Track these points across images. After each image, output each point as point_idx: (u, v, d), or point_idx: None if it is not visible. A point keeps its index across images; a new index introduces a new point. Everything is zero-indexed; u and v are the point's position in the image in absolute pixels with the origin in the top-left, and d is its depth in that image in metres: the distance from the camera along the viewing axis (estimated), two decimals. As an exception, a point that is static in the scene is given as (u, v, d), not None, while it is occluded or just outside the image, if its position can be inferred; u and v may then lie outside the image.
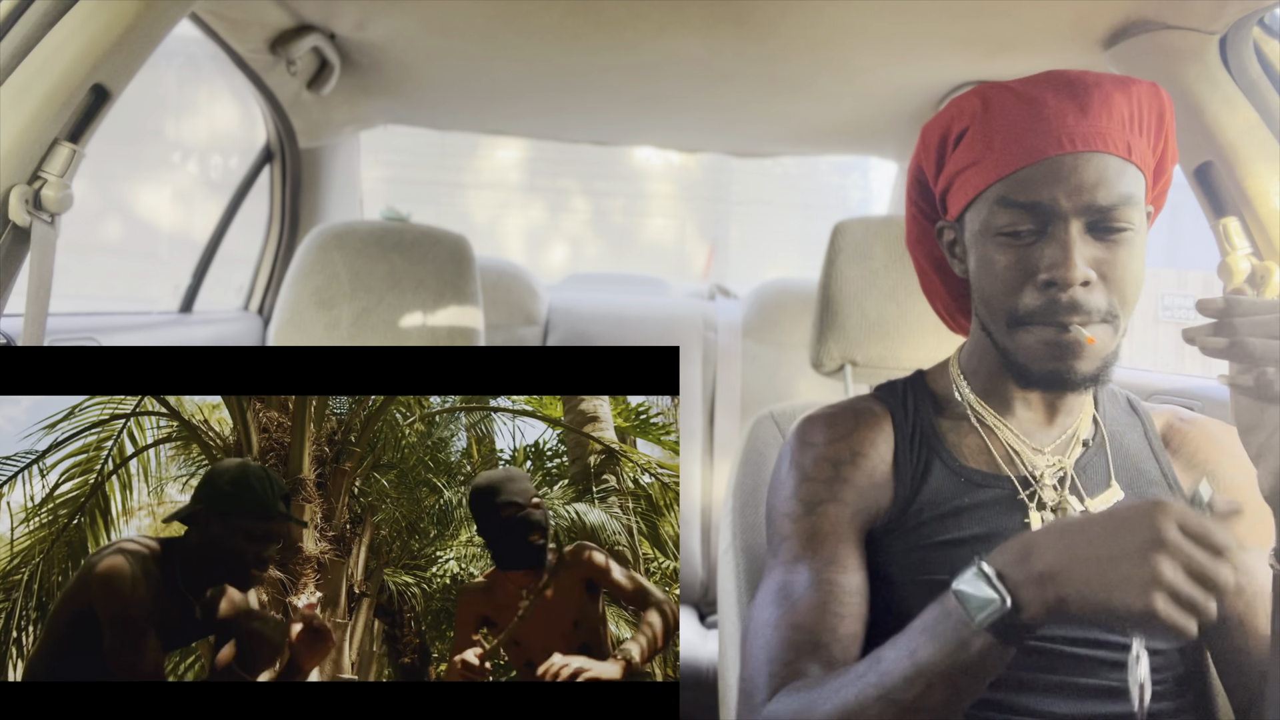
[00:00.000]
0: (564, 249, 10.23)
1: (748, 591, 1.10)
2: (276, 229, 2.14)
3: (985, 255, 0.88)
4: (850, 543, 0.90)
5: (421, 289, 1.56)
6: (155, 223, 7.36)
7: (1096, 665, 0.86)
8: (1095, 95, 0.84)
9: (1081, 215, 0.83)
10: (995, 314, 0.88)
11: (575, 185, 10.15)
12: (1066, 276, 0.81)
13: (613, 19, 1.51)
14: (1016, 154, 0.85)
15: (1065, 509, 0.89)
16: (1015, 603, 0.66)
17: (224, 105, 6.12)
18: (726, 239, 10.44)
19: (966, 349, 0.99)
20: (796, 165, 9.78)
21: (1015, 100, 0.87)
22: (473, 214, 9.91)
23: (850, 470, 0.93)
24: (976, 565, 0.69)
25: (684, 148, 2.72)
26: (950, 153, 0.92)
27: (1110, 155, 0.83)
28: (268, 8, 1.53)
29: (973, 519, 0.89)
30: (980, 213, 0.88)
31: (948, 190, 0.93)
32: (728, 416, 2.25)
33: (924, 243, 1.03)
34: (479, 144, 9.62)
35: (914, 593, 0.88)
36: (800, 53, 1.62)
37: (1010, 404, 0.94)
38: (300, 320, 1.53)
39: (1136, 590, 0.62)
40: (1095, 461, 0.93)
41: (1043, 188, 0.83)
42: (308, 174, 2.15)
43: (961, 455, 0.94)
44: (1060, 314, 0.83)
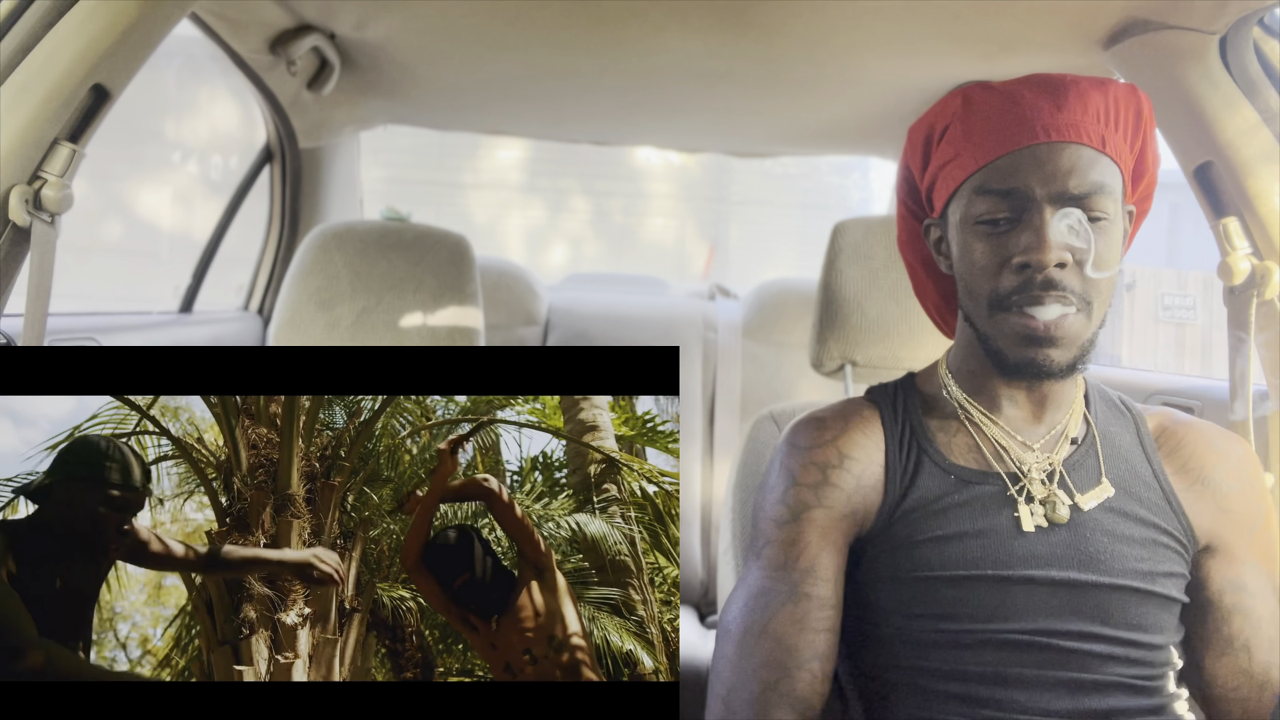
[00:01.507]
0: (564, 249, 10.23)
1: (748, 591, 1.10)
2: (276, 229, 2.14)
3: (966, 244, 0.90)
4: (831, 551, 0.91)
5: (421, 289, 1.56)
6: (155, 223, 7.36)
7: (1091, 659, 0.86)
8: (1071, 91, 0.88)
9: (1055, 202, 0.85)
10: (977, 301, 0.90)
11: (575, 185, 10.15)
12: (1041, 259, 0.84)
13: (613, 19, 1.51)
14: (993, 144, 0.88)
15: (1055, 503, 0.90)
16: None
17: (224, 105, 6.13)
18: (726, 239, 10.44)
19: (954, 349, 1.01)
20: (796, 165, 9.79)
21: (994, 96, 0.90)
22: (473, 214, 9.91)
23: (838, 474, 0.94)
24: None
25: (684, 148, 2.72)
26: (934, 149, 0.95)
27: (1084, 146, 0.86)
28: (268, 8, 1.53)
29: (962, 515, 0.90)
30: (961, 204, 0.91)
31: (933, 186, 0.96)
32: (728, 416, 2.25)
33: (914, 242, 1.05)
34: (479, 144, 9.62)
35: (903, 589, 0.90)
36: (800, 53, 1.62)
37: (997, 401, 0.95)
38: (300, 320, 1.53)
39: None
40: (1086, 459, 0.94)
41: (1018, 175, 0.86)
42: (308, 174, 2.15)
43: (950, 453, 0.95)
44: (1035, 290, 0.85)
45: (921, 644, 0.89)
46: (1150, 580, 0.88)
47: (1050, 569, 0.87)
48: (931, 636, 0.89)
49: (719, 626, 0.93)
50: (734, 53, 1.64)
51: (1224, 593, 0.92)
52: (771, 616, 0.88)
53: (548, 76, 1.85)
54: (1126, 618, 0.87)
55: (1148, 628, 0.88)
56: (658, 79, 1.82)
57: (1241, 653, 0.90)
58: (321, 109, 2.01)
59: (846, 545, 0.93)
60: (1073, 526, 0.90)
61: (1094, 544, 0.89)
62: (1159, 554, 0.90)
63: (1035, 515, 0.90)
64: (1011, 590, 0.87)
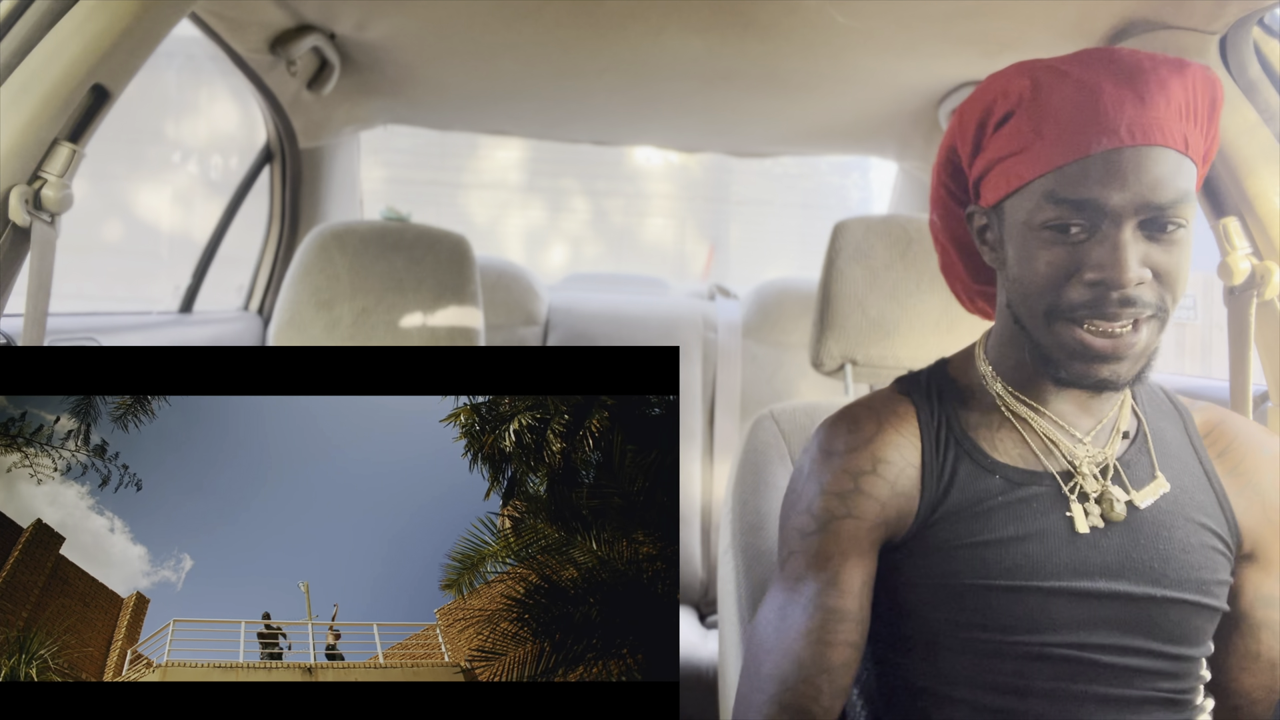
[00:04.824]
0: (564, 249, 10.22)
1: (747, 591, 1.10)
2: (276, 229, 2.14)
3: (1027, 249, 0.82)
4: (857, 562, 0.86)
5: (421, 289, 1.56)
6: (155, 223, 7.35)
7: (1129, 674, 0.82)
8: (1152, 80, 0.78)
9: (1136, 214, 0.77)
10: (1033, 308, 0.82)
11: (575, 185, 10.15)
12: (1120, 279, 0.76)
13: (613, 19, 1.51)
14: (1068, 146, 0.78)
15: (1110, 500, 0.84)
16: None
17: (224, 105, 6.12)
18: (726, 239, 10.43)
19: (994, 338, 0.92)
20: (796, 165, 9.77)
21: (1068, 86, 0.80)
22: (473, 214, 9.91)
23: (872, 481, 0.87)
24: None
25: (684, 148, 2.72)
26: (990, 136, 0.85)
27: (1168, 149, 0.77)
28: (268, 8, 1.53)
29: (1008, 518, 0.84)
30: (1024, 205, 0.82)
31: (984, 176, 0.86)
32: (728, 416, 2.25)
33: (949, 223, 0.97)
34: (479, 144, 9.61)
35: (938, 596, 0.85)
36: (800, 53, 1.62)
37: (1044, 393, 0.88)
38: (300, 320, 1.53)
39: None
40: (1139, 455, 0.88)
41: (1095, 183, 0.77)
42: (308, 174, 2.15)
43: (994, 450, 0.88)
44: (1110, 308, 0.78)
45: (944, 649, 0.85)
46: (1204, 590, 0.84)
47: (1100, 579, 0.82)
48: (956, 642, 0.85)
49: (746, 643, 0.90)
50: (734, 53, 1.64)
51: (1255, 606, 0.88)
52: (786, 630, 0.84)
53: (548, 76, 1.85)
54: (1174, 631, 0.83)
55: (1192, 640, 0.84)
56: (658, 79, 1.82)
57: (1266, 670, 0.88)
58: (321, 109, 2.01)
59: (876, 553, 0.88)
60: (1127, 528, 0.84)
61: (1150, 550, 0.83)
62: (1215, 561, 0.85)
63: (1091, 515, 0.84)
64: (1053, 601, 0.82)
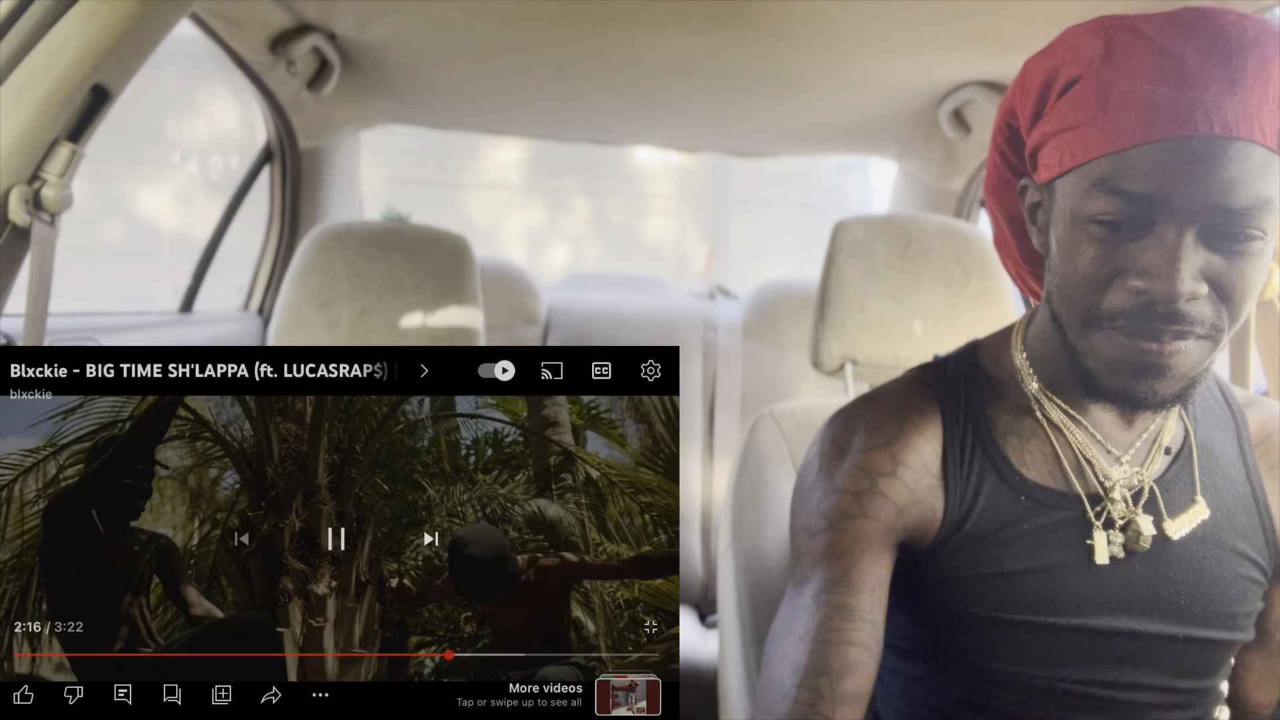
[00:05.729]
0: (564, 249, 10.22)
1: (747, 591, 1.10)
2: (276, 229, 2.14)
3: (1071, 240, 0.70)
4: (871, 560, 0.77)
5: (421, 289, 1.57)
6: (155, 223, 7.36)
7: (1142, 708, 0.77)
8: (1250, 59, 0.64)
9: (1201, 219, 0.64)
10: (1071, 308, 0.72)
11: (575, 185, 10.15)
12: (1170, 291, 0.65)
13: (612, 19, 1.51)
14: (1133, 127, 0.65)
15: (1138, 529, 0.75)
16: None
17: (224, 105, 6.12)
18: (726, 239, 10.44)
19: (1034, 328, 0.82)
20: (796, 165, 9.78)
21: (1147, 52, 0.66)
22: (473, 214, 9.91)
23: (890, 484, 0.79)
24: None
25: (684, 148, 2.73)
26: (1053, 102, 0.73)
27: (1256, 145, 0.63)
28: (268, 8, 1.53)
29: (1031, 547, 0.76)
30: (1074, 189, 0.70)
31: (1040, 148, 0.74)
32: (728, 416, 2.25)
33: (1003, 194, 0.85)
34: (479, 144, 9.62)
35: (946, 619, 0.80)
36: (800, 53, 1.62)
37: (1082, 400, 0.78)
38: (300, 320, 1.53)
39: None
40: (1180, 476, 0.78)
41: (1159, 176, 0.64)
42: (308, 174, 2.15)
43: (1023, 465, 0.79)
44: (1154, 322, 0.66)
45: (948, 670, 0.81)
46: (1230, 625, 0.77)
47: (1119, 616, 0.75)
48: (960, 666, 0.80)
49: (766, 649, 0.85)
50: (734, 53, 1.64)
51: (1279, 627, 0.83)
52: (787, 633, 0.76)
53: (548, 76, 1.85)
54: (1194, 667, 0.77)
55: (1212, 673, 0.79)
56: (658, 79, 1.82)
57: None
58: (321, 109, 2.01)
59: (893, 555, 0.79)
60: (1154, 559, 0.76)
61: (1177, 585, 0.76)
62: (1248, 592, 0.77)
63: (1112, 544, 0.76)
64: (1065, 637, 0.76)
